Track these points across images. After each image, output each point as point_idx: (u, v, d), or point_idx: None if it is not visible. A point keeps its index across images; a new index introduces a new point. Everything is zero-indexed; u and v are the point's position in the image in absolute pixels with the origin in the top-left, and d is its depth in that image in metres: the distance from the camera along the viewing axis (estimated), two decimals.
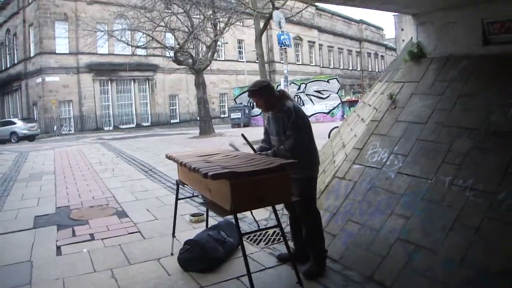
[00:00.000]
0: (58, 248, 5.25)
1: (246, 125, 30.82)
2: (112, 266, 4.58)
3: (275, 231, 5.31)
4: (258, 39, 19.31)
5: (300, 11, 20.21)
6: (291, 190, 3.75)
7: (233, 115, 31.54)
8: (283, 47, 18.50)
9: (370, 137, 5.63)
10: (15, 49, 37.65)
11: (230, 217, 4.06)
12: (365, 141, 5.63)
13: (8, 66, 39.22)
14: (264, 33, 32.26)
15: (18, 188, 9.26)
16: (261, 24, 19.26)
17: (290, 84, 28.27)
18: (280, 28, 17.31)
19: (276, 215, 3.70)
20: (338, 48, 61.28)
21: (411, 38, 6.42)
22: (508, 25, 4.95)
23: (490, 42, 5.17)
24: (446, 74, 5.39)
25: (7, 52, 39.36)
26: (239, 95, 33.66)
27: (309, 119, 4.45)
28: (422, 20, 6.06)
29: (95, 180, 9.89)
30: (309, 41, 54.39)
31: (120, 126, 35.96)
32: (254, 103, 4.36)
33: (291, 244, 4.48)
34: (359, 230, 4.59)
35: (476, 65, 5.13)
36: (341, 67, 61.14)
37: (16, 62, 37.53)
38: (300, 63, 52.38)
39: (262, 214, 5.81)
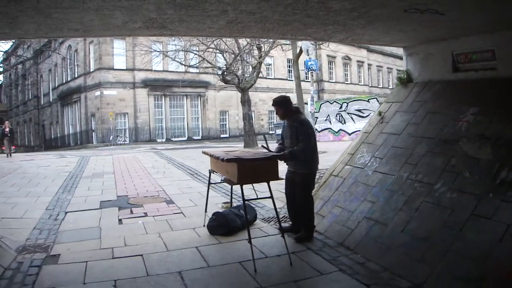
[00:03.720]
0: (120, 220, 7.11)
1: None
2: (159, 231, 6.36)
3: (284, 215, 6.88)
4: (295, 62, 20.97)
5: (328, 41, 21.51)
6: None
7: (278, 131, 32.92)
8: (309, 71, 20.25)
9: (361, 145, 7.15)
10: (75, 64, 40.12)
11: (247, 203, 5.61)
12: (356, 148, 7.17)
13: (68, 79, 41.66)
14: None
15: (84, 183, 11.19)
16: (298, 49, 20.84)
17: (332, 103, 29.75)
18: (308, 55, 18.93)
19: (270, 190, 5.26)
20: (387, 68, 61.19)
21: None
22: (470, 56, 6.35)
23: (459, 70, 6.57)
24: (423, 96, 6.83)
25: (68, 66, 41.98)
26: None
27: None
28: (410, 51, 7.50)
29: (148, 179, 11.75)
30: (358, 61, 54.55)
31: (172, 139, 37.56)
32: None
33: (285, 224, 6.11)
34: (340, 212, 6.14)
35: (445, 88, 6.55)
36: (390, 87, 60.96)
37: (76, 76, 39.98)
38: (348, 82, 52.63)
39: (278, 204, 7.39)
